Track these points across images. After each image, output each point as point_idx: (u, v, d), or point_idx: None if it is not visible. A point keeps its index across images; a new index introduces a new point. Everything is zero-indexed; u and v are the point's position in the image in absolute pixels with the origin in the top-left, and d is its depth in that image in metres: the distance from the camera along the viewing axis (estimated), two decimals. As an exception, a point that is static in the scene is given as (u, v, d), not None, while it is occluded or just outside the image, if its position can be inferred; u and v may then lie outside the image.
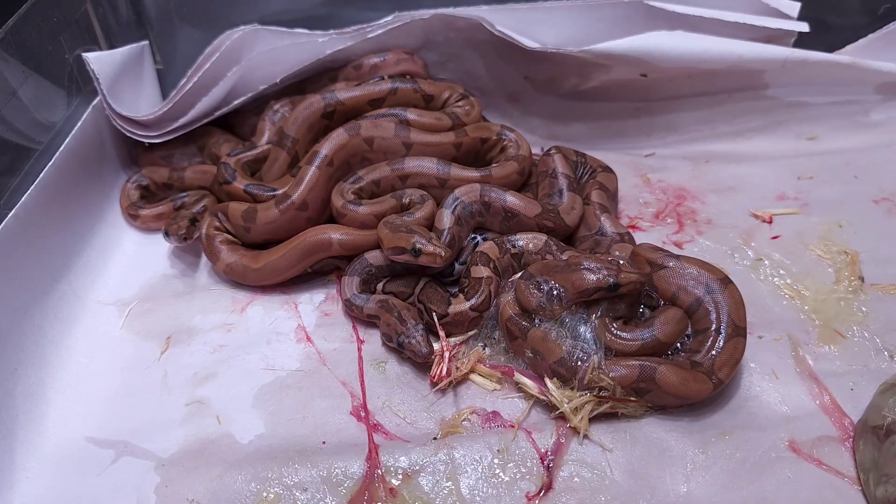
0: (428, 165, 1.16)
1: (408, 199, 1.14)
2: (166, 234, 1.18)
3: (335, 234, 1.11)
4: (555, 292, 0.94)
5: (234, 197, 1.21)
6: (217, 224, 1.19)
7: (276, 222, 1.14)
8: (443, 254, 0.99)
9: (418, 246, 1.00)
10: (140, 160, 1.37)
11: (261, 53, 1.29)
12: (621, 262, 0.96)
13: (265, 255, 1.14)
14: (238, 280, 1.16)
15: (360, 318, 1.08)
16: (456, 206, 1.11)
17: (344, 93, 1.23)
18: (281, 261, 1.12)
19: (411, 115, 1.23)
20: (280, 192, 1.17)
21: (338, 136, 1.17)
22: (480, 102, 1.30)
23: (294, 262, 1.12)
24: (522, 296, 0.96)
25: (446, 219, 1.10)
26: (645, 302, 1.00)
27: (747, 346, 0.94)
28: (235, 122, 1.38)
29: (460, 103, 1.28)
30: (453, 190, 1.13)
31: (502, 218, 1.12)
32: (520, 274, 1.01)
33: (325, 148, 1.16)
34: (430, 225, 1.11)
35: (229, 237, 1.19)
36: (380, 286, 1.10)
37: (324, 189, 1.16)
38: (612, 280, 0.92)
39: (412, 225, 1.06)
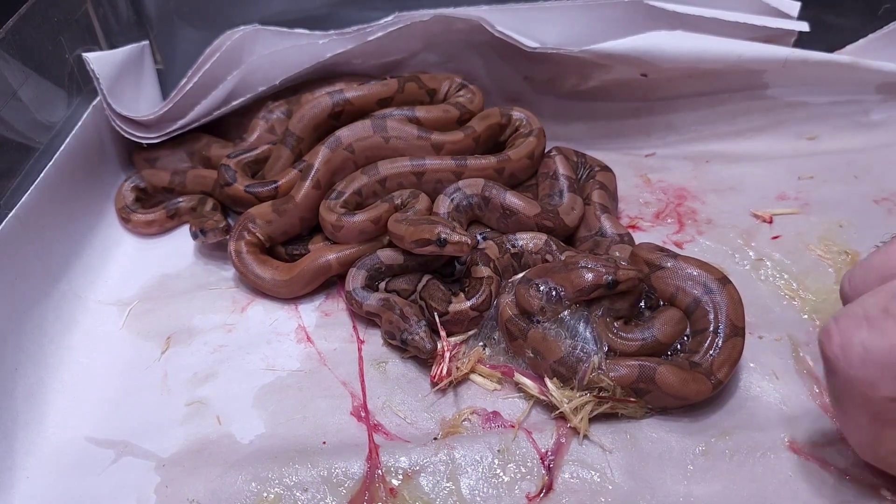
0: (403, 164, 1.17)
1: (399, 200, 1.14)
2: (202, 233, 1.18)
3: (331, 256, 1.12)
4: (553, 292, 0.94)
5: (235, 199, 1.21)
6: (258, 224, 1.17)
7: (331, 161, 1.17)
8: (469, 241, 0.99)
9: (443, 236, 1.00)
10: (134, 161, 1.37)
11: (261, 56, 1.29)
12: (620, 261, 0.96)
13: (270, 269, 1.13)
14: (238, 271, 1.15)
15: (357, 313, 1.08)
16: (456, 195, 1.13)
17: (352, 92, 1.23)
18: (285, 287, 1.12)
19: (419, 112, 1.23)
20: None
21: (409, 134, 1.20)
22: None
23: (300, 287, 1.13)
24: (523, 299, 0.95)
25: (445, 205, 1.12)
26: (645, 302, 1.00)
27: (748, 347, 0.94)
28: (227, 120, 1.36)
29: (461, 93, 1.29)
30: (431, 182, 1.15)
31: (500, 215, 1.12)
32: (518, 278, 1.01)
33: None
34: (428, 214, 1.12)
35: (258, 244, 1.18)
36: (382, 285, 1.10)
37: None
38: (610, 278, 0.92)
39: (432, 217, 1.07)
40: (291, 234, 1.19)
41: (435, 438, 0.92)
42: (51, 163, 1.13)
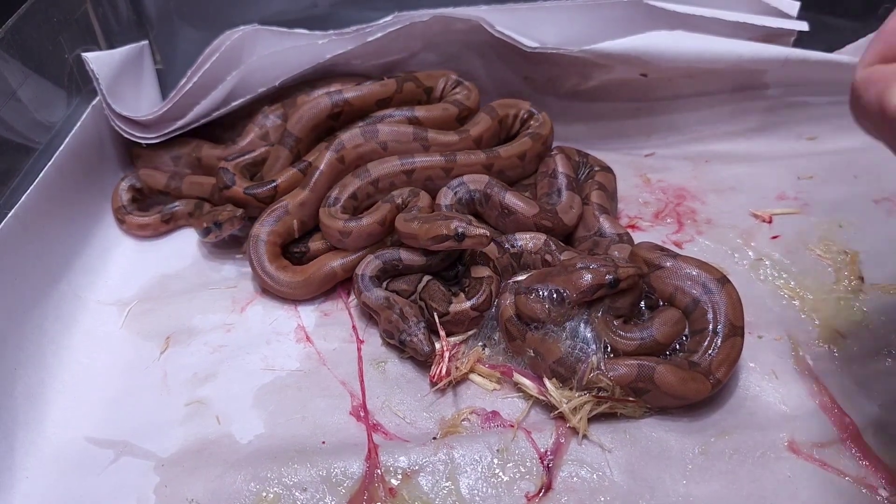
0: (393, 164, 1.17)
1: (400, 199, 1.14)
2: (217, 226, 1.17)
3: (335, 263, 1.12)
4: (555, 295, 0.93)
5: (235, 201, 1.21)
6: (290, 211, 1.16)
7: (360, 147, 1.18)
8: (488, 233, 0.99)
9: (460, 230, 1.00)
10: (134, 162, 1.37)
11: (261, 57, 1.29)
12: (618, 260, 0.96)
13: (279, 267, 1.13)
14: (249, 259, 1.14)
15: (357, 300, 1.08)
16: (460, 188, 1.14)
17: (351, 93, 1.23)
18: (289, 289, 1.12)
19: (419, 112, 1.23)
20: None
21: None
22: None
23: (304, 293, 1.13)
24: (526, 307, 0.94)
25: (448, 197, 1.13)
26: (644, 302, 1.00)
27: (747, 346, 0.94)
28: (220, 122, 1.35)
29: (457, 90, 1.29)
30: (421, 180, 1.16)
31: (498, 213, 1.12)
32: (516, 282, 1.00)
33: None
34: (431, 211, 1.12)
35: (283, 235, 1.17)
36: (383, 285, 1.10)
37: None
38: (611, 277, 0.92)
39: (443, 213, 1.07)
40: None
41: (434, 438, 0.92)
42: (50, 163, 1.13)
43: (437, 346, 1.00)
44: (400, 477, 0.88)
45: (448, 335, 1.01)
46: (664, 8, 1.25)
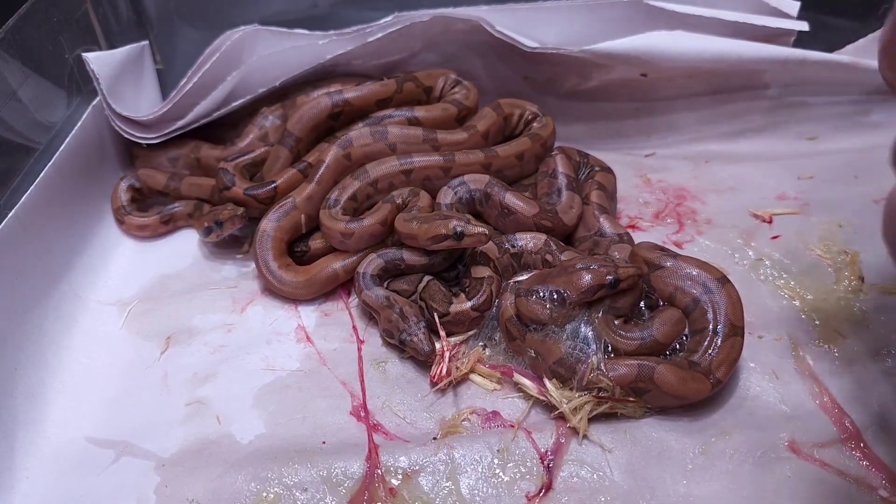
0: (391, 164, 1.17)
1: (400, 199, 1.14)
2: (218, 225, 1.17)
3: (337, 264, 1.13)
4: (555, 296, 0.93)
5: (235, 202, 1.21)
6: (298, 206, 1.16)
7: (368, 146, 1.19)
8: (487, 231, 0.99)
9: (459, 229, 1.00)
10: (133, 162, 1.37)
11: (261, 57, 1.29)
12: (618, 260, 0.96)
13: (282, 265, 1.13)
14: (254, 253, 1.14)
15: (358, 299, 1.08)
16: (460, 188, 1.14)
17: (351, 93, 1.23)
18: (291, 289, 1.12)
19: (419, 112, 1.23)
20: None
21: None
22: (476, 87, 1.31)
23: (306, 293, 1.14)
24: (527, 309, 0.94)
25: (448, 196, 1.13)
26: (645, 302, 1.00)
27: (747, 346, 0.94)
28: (219, 122, 1.34)
29: (456, 89, 1.30)
30: (419, 179, 1.17)
31: (499, 213, 1.13)
32: (515, 289, 1.01)
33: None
34: (431, 210, 1.13)
35: (290, 230, 1.17)
36: (383, 284, 1.10)
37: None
38: (611, 277, 0.92)
39: (442, 212, 1.07)
40: None
41: (434, 438, 0.92)
42: (50, 163, 1.13)
43: (438, 346, 1.00)
44: (400, 477, 0.88)
45: (448, 335, 1.01)
46: (664, 8, 1.25)
